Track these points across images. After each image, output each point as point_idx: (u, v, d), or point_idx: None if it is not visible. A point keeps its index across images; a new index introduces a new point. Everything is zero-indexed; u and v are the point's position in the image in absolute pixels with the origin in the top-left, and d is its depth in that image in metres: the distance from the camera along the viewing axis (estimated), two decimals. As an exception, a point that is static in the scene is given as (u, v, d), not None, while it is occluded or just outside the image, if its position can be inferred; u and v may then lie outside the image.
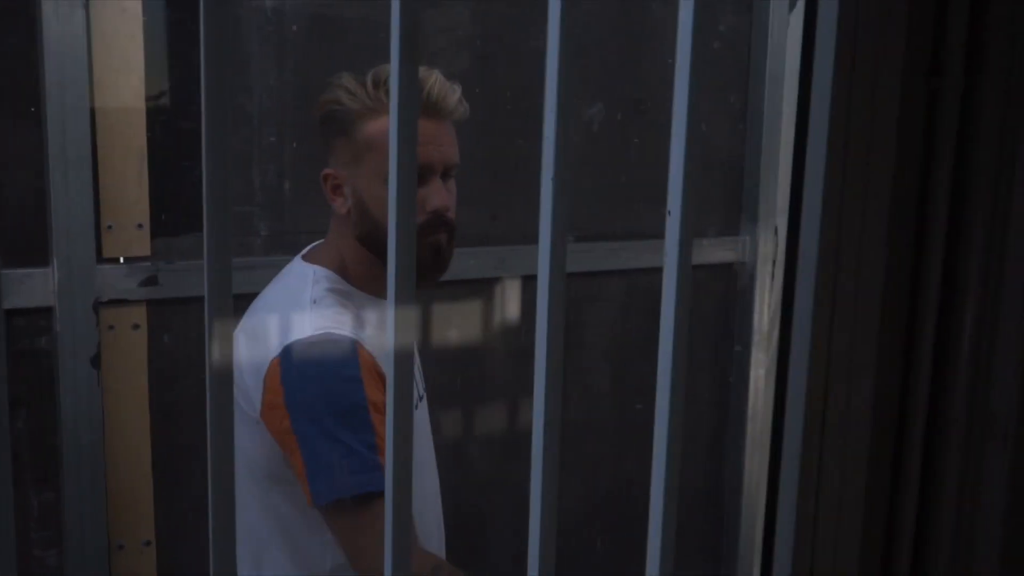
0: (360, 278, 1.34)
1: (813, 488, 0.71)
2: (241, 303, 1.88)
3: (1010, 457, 0.76)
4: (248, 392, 1.28)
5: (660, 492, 0.61)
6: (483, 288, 2.13)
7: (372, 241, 1.30)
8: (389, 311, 0.61)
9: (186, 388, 1.82)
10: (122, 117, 1.71)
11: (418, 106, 0.60)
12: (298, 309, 1.28)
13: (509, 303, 2.17)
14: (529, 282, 2.13)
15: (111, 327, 1.75)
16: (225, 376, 0.60)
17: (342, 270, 1.34)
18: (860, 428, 0.73)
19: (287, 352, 1.24)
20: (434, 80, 1.27)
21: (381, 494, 1.17)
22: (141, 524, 1.82)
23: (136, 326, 1.78)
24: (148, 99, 1.73)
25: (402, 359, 0.61)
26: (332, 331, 1.25)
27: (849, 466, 0.73)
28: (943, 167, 0.70)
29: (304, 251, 1.41)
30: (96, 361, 1.71)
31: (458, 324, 2.12)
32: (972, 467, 0.78)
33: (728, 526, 2.59)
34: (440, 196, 1.29)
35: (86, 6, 1.64)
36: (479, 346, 2.15)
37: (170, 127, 1.77)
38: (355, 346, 1.25)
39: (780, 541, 0.71)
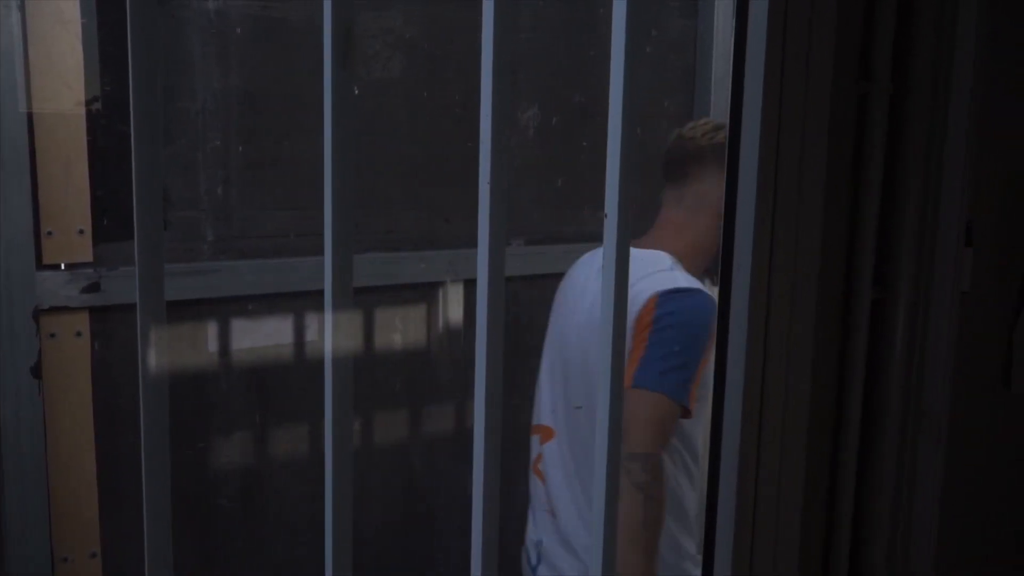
0: (689, 268, 1.56)
1: (752, 486, 0.72)
2: (191, 308, 1.86)
3: (943, 453, 0.78)
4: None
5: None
6: (433, 291, 2.13)
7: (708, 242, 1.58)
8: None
9: (130, 396, 1.79)
10: (61, 121, 1.67)
11: (354, 114, 0.59)
12: (663, 272, 1.50)
13: (459, 306, 2.17)
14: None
15: (52, 335, 1.71)
16: (159, 383, 0.59)
17: (680, 257, 1.56)
18: (797, 426, 0.74)
19: (667, 292, 1.46)
20: None
21: (678, 406, 1.42)
22: (86, 535, 1.78)
23: (78, 333, 1.74)
24: (87, 103, 1.70)
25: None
26: (703, 290, 1.48)
27: (787, 463, 0.74)
28: (874, 168, 0.71)
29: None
30: (37, 370, 1.67)
31: (409, 327, 2.11)
32: (907, 464, 0.80)
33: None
34: None
35: (21, 8, 1.60)
36: (429, 348, 2.14)
37: (110, 131, 1.73)
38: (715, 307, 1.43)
39: (720, 537, 0.72)
